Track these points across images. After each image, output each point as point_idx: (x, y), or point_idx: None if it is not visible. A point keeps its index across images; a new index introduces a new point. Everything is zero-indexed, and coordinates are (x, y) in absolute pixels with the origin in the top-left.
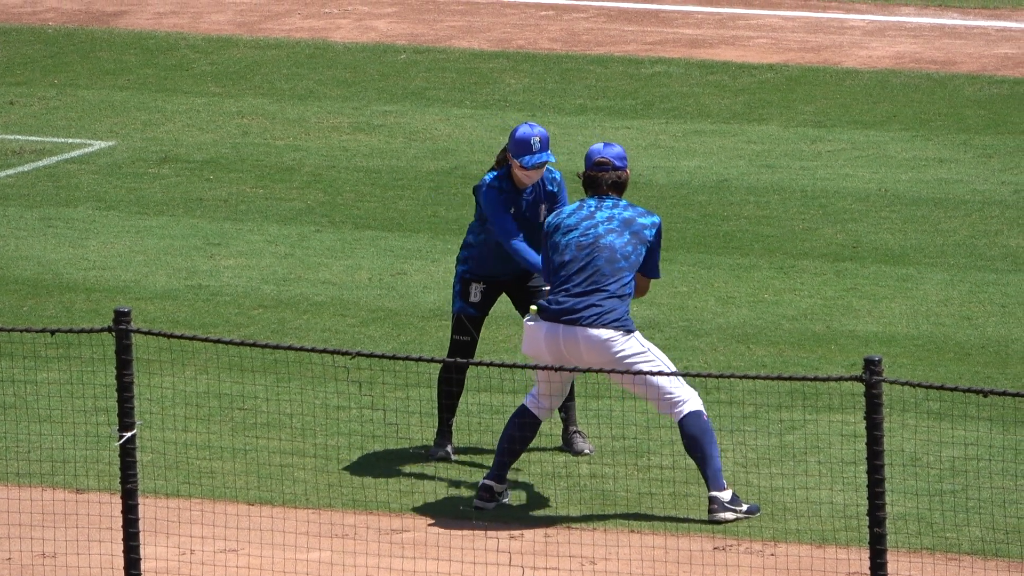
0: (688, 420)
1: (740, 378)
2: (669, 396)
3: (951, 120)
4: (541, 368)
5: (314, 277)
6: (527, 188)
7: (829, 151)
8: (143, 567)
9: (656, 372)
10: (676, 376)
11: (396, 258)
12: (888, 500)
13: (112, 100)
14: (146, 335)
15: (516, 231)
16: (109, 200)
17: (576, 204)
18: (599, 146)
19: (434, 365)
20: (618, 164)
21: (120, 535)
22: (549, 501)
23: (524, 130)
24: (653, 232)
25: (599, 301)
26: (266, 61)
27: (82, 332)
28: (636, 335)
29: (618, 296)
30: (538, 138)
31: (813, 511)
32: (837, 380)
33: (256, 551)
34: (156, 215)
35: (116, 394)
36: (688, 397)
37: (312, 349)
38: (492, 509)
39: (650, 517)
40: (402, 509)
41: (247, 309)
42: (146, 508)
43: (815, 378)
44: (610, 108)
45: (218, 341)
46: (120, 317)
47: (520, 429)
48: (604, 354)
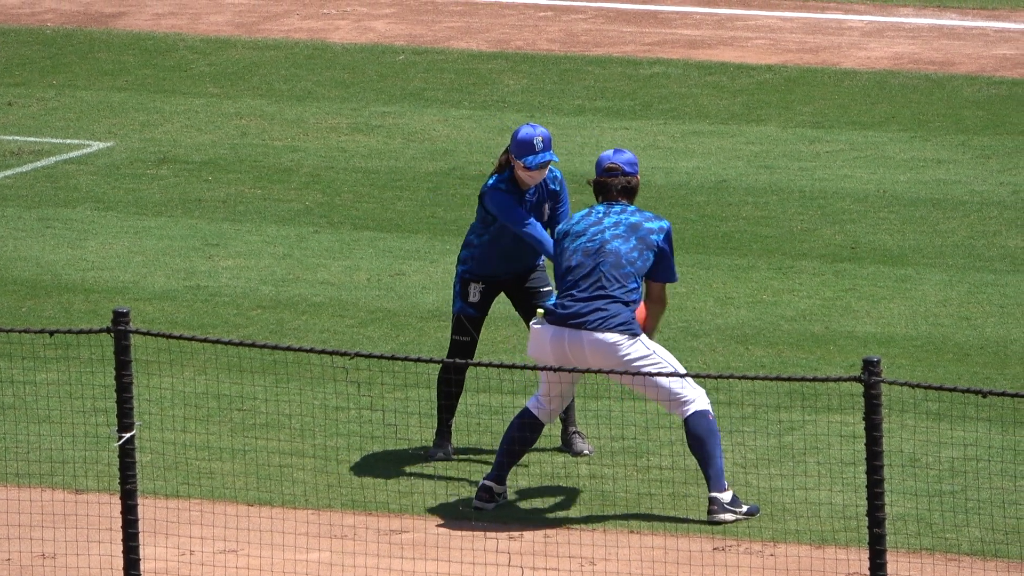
0: (693, 419)
1: (739, 379)
2: (676, 396)
3: (950, 121)
4: (541, 369)
5: (312, 278)
6: (530, 189)
7: (827, 152)
8: (142, 568)
9: (657, 373)
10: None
11: (395, 259)
12: (887, 501)
13: (111, 101)
14: (145, 336)
15: (528, 216)
16: (107, 201)
17: (585, 211)
18: (609, 152)
19: (433, 366)
20: (628, 170)
21: (119, 536)
22: (549, 502)
23: (526, 131)
24: (661, 237)
25: (604, 305)
26: (264, 62)
27: (81, 333)
28: (642, 338)
29: (624, 301)
30: (540, 138)
31: (812, 512)
32: (836, 381)
33: (255, 552)
34: (154, 216)
35: (115, 395)
36: (695, 397)
37: (311, 350)
38: (491, 510)
39: (649, 517)
40: (401, 510)
41: (246, 310)
42: (145, 509)
43: (814, 379)
44: (609, 109)
45: (217, 342)
46: (119, 318)
47: (521, 430)
48: (610, 358)
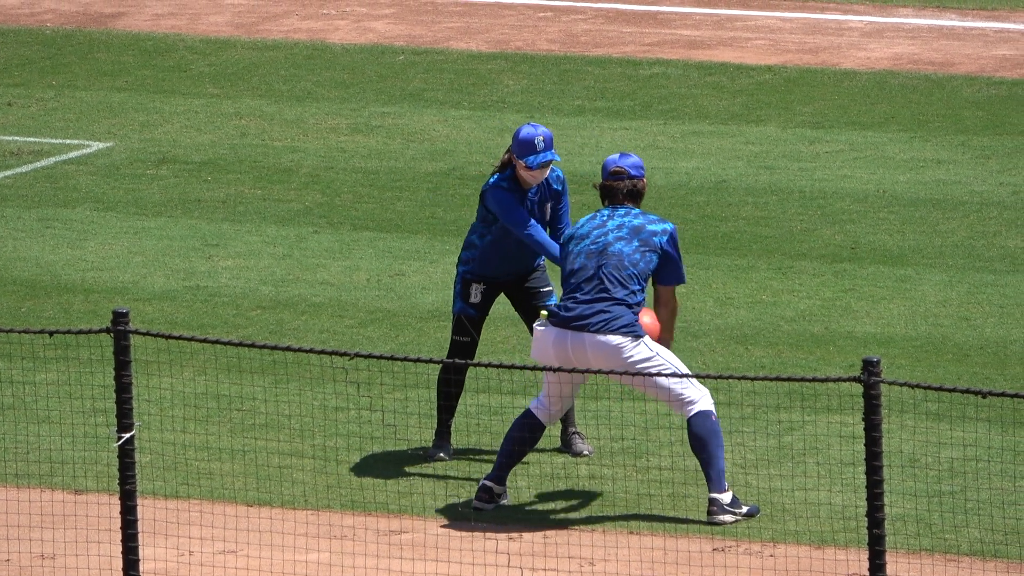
0: (696, 420)
1: (738, 379)
2: (680, 396)
3: (949, 121)
4: (541, 369)
5: (312, 278)
6: (532, 188)
7: (827, 152)
8: (142, 568)
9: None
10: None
11: (394, 259)
12: (887, 501)
13: (110, 101)
14: (144, 336)
15: (529, 219)
16: (107, 201)
17: (591, 215)
18: (615, 156)
19: (432, 366)
20: (633, 173)
21: (119, 536)
22: (548, 502)
23: (528, 130)
24: (664, 239)
25: (607, 308)
26: (264, 62)
27: (80, 333)
28: (645, 340)
29: (627, 303)
30: (542, 138)
31: (812, 512)
32: (836, 381)
33: (255, 552)
34: (154, 216)
35: (115, 395)
36: (698, 397)
37: (310, 350)
38: (491, 510)
39: (649, 518)
40: (401, 510)
41: (245, 310)
42: (145, 509)
43: (814, 379)
44: (608, 109)
45: (216, 342)
46: (118, 318)
47: (522, 431)
48: (613, 360)
